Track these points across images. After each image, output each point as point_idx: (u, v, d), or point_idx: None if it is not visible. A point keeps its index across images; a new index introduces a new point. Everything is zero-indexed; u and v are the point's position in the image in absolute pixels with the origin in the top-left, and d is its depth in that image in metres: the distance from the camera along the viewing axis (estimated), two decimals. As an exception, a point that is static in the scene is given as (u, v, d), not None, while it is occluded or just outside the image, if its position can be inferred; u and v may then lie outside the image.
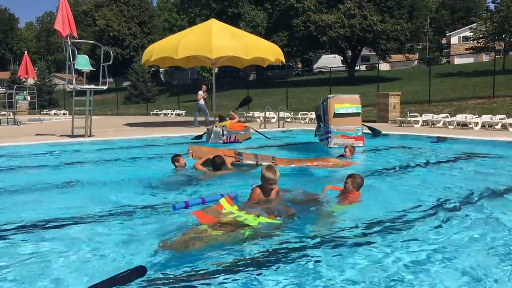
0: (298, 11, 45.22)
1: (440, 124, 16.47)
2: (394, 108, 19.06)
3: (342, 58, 50.28)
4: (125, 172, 7.89)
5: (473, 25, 46.46)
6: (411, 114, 17.43)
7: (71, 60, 13.82)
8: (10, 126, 21.14)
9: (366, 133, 11.94)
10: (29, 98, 28.91)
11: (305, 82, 43.42)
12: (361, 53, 51.00)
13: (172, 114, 32.17)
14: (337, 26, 40.73)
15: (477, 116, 15.97)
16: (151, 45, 21.89)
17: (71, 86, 14.24)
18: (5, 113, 25.33)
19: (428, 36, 57.81)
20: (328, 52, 55.47)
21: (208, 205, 4.90)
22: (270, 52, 19.96)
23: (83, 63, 14.67)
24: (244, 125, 13.89)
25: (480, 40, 41.60)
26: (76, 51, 14.04)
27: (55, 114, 36.75)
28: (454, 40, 67.59)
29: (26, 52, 28.66)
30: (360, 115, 11.63)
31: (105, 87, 15.12)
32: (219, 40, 18.32)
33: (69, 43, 13.92)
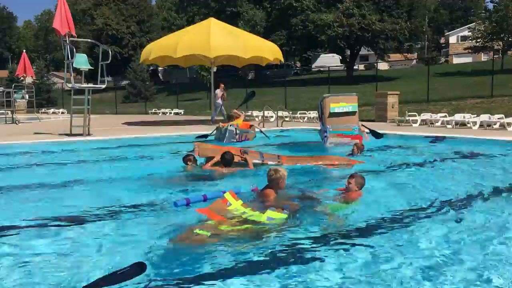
0: (297, 10, 45.21)
1: (439, 124, 16.48)
2: (393, 108, 19.06)
3: (341, 58, 50.23)
4: (125, 171, 7.89)
5: (472, 25, 46.46)
6: (410, 114, 17.44)
7: (70, 59, 13.81)
8: (8, 125, 21.09)
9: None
10: (28, 97, 28.86)
11: (304, 82, 43.40)
12: (360, 53, 51.00)
13: (171, 113, 32.14)
14: (336, 25, 40.72)
15: (475, 116, 15.99)
16: (150, 44, 21.88)
17: (70, 85, 14.23)
18: (3, 112, 25.26)
19: (427, 36, 57.78)
20: (327, 52, 55.46)
21: (213, 200, 4.93)
22: (269, 51, 19.96)
23: (82, 62, 14.65)
24: (249, 124, 13.96)
25: (479, 40, 41.61)
26: (75, 50, 14.01)
27: (54, 113, 36.68)
28: (453, 40, 67.59)
29: (25, 51, 28.62)
30: (357, 114, 11.64)
31: (104, 86, 15.11)
32: (218, 39, 18.32)
33: (68, 42, 13.90)
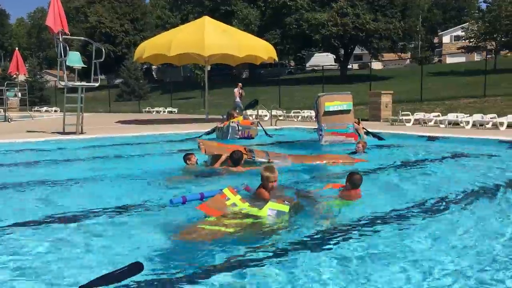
0: (291, 9, 45.27)
1: (432, 123, 16.55)
2: (386, 107, 19.12)
3: (335, 57, 50.35)
4: (120, 169, 7.85)
5: (465, 25, 46.69)
6: (403, 113, 17.50)
7: (63, 57, 13.73)
8: (1, 123, 20.95)
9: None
10: (20, 95, 28.68)
11: (298, 80, 43.47)
12: (354, 52, 51.13)
13: (165, 112, 32.08)
14: (330, 25, 40.81)
15: (468, 115, 16.07)
16: (144, 42, 21.81)
17: (63, 83, 14.15)
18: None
19: (420, 35, 58.07)
20: (321, 51, 55.56)
21: (212, 195, 4.96)
22: (263, 50, 19.95)
23: (75, 60, 14.57)
24: (251, 122, 14.05)
25: (472, 40, 41.83)
26: (68, 48, 13.93)
27: (46, 111, 36.51)
28: (446, 39, 67.91)
29: (17, 49, 28.43)
30: (352, 112, 11.67)
31: (97, 84, 15.04)
32: (212, 38, 18.28)
33: (61, 40, 13.82)
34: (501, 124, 14.33)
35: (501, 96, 22.34)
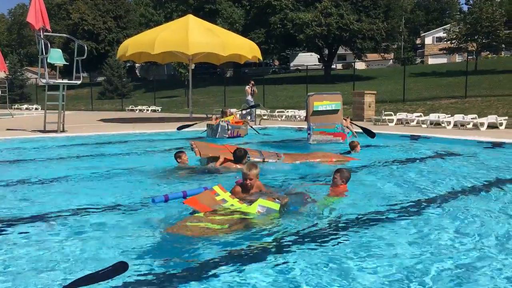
0: (276, 9, 45.31)
1: (414, 123, 16.73)
2: (370, 107, 19.28)
3: (319, 56, 50.57)
4: (101, 168, 7.77)
5: (447, 26, 47.32)
6: (386, 113, 17.66)
7: (44, 54, 13.54)
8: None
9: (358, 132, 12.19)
10: (0, 92, 28.20)
11: (282, 80, 43.55)
12: (338, 52, 51.41)
13: (148, 110, 31.84)
14: (314, 25, 40.97)
15: (450, 116, 16.29)
16: (127, 40, 21.62)
17: (44, 81, 13.96)
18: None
19: (403, 36, 58.66)
20: (305, 50, 55.76)
21: (194, 193, 4.97)
22: (247, 49, 19.95)
23: (56, 57, 14.38)
24: (242, 122, 14.21)
25: (453, 41, 42.41)
26: (49, 45, 13.74)
27: (27, 109, 35.95)
28: (428, 41, 68.73)
29: (-3, 45, 27.89)
30: (340, 112, 11.80)
31: (79, 82, 14.88)
32: (196, 36, 18.22)
33: (42, 37, 13.62)
34: (482, 125, 14.56)
35: (482, 97, 22.70)
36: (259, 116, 20.02)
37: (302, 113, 20.53)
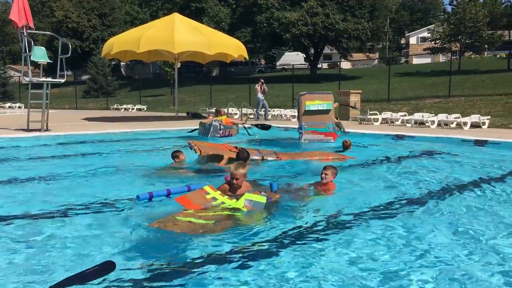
0: (262, 8, 45.28)
1: (399, 122, 16.88)
2: (355, 106, 19.39)
3: (305, 56, 50.70)
4: (82, 167, 7.70)
5: (431, 26, 47.78)
6: (371, 112, 17.79)
7: (27, 52, 13.36)
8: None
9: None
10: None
11: (268, 79, 43.42)
12: (323, 51, 51.58)
13: (133, 109, 31.60)
14: (300, 24, 41.04)
15: (434, 115, 16.47)
16: (112, 38, 21.44)
17: (27, 79, 13.77)
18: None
19: (388, 36, 59.10)
20: (291, 50, 55.86)
21: (178, 192, 5.08)
22: (233, 48, 19.92)
23: (40, 55, 14.19)
24: (232, 121, 14.30)
25: (437, 41, 42.85)
26: (33, 43, 13.56)
27: (10, 107, 35.43)
28: (413, 41, 69.34)
29: (-21, 42, 27.44)
30: (332, 112, 11.90)
31: (63, 80, 14.72)
32: (182, 35, 18.13)
33: (25, 34, 13.44)
34: (465, 124, 14.75)
35: (465, 97, 22.99)
36: (245, 115, 20.01)
37: (288, 112, 20.59)
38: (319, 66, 54.59)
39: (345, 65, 55.16)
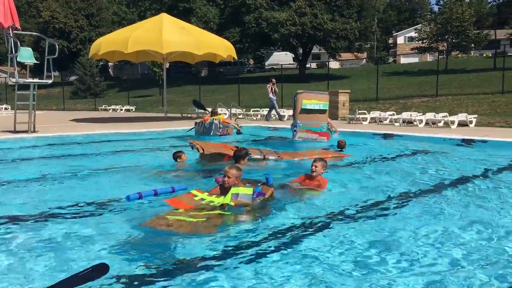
0: (250, 8, 45.30)
1: (387, 122, 16.99)
2: (344, 106, 19.49)
3: (294, 56, 50.82)
4: (70, 168, 7.64)
5: (418, 26, 48.16)
6: (360, 112, 17.88)
7: (14, 53, 13.22)
8: None
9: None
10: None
11: (257, 79, 43.57)
12: (312, 51, 51.75)
13: (122, 110, 31.40)
14: (289, 24, 41.14)
15: (422, 114, 16.61)
16: (100, 39, 21.29)
17: (14, 80, 13.64)
18: None
19: (376, 36, 59.40)
20: (280, 49, 55.95)
21: (165, 192, 5.23)
22: (222, 48, 19.90)
23: (26, 56, 14.06)
24: (227, 121, 14.58)
25: (425, 41, 43.20)
26: (19, 43, 13.43)
27: (-4, 109, 35.04)
28: (400, 40, 69.85)
29: (-36, 43, 27.12)
30: (327, 112, 11.96)
31: (50, 81, 14.61)
32: (170, 35, 18.07)
33: (11, 35, 13.30)
34: (452, 123, 14.88)
35: (452, 96, 23.21)
36: (234, 115, 20.00)
37: (279, 112, 20.59)
38: (308, 66, 54.74)
39: (334, 65, 55.37)
